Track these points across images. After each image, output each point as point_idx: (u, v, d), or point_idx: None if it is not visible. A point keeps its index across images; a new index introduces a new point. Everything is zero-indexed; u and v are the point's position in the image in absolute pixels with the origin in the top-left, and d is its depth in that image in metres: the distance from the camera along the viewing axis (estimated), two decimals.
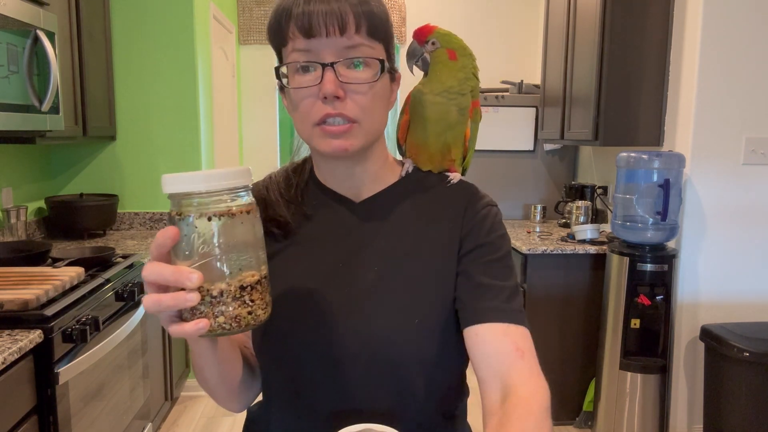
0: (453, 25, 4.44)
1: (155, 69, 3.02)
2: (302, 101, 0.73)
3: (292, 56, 0.73)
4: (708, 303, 2.59)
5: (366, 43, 0.72)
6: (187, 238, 0.58)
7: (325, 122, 0.73)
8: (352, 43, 0.71)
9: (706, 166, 2.53)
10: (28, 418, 1.53)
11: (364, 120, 0.74)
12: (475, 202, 0.84)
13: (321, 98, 0.72)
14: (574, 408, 2.89)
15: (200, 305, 0.58)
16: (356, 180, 0.83)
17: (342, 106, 0.72)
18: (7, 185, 2.57)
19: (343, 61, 0.71)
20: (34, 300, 1.62)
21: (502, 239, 0.82)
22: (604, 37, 2.69)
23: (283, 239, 0.83)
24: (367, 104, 0.73)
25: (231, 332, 0.60)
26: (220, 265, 0.59)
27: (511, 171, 3.67)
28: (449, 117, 0.84)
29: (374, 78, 0.73)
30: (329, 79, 0.71)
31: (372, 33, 0.73)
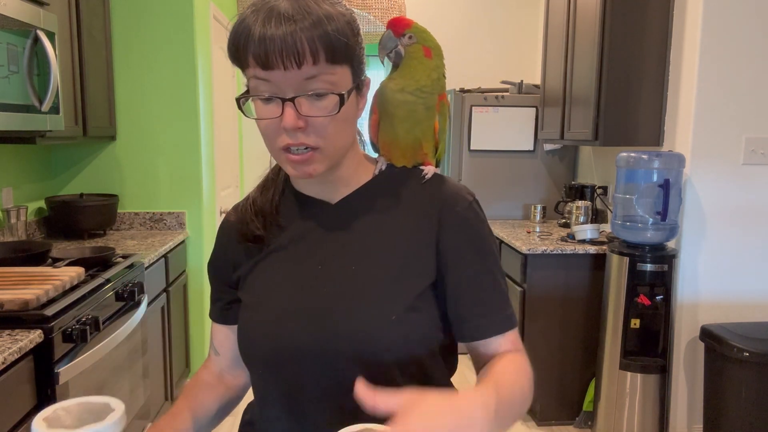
0: (453, 24, 4.46)
1: (155, 69, 3.02)
2: (266, 129, 0.75)
3: (252, 82, 0.74)
4: (708, 303, 2.59)
5: (326, 71, 0.72)
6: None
7: (289, 150, 0.74)
8: (311, 74, 0.71)
9: (706, 166, 2.54)
10: (29, 418, 1.53)
11: (327, 146, 0.75)
12: (453, 201, 0.83)
13: (282, 128, 0.73)
14: (574, 408, 2.89)
15: None
16: (330, 185, 0.84)
17: (304, 137, 0.73)
18: (7, 185, 2.57)
19: (303, 95, 0.72)
20: (34, 300, 1.62)
21: (487, 238, 0.84)
22: (604, 37, 2.69)
23: (259, 251, 0.86)
24: (329, 132, 0.74)
25: None
26: None
27: (511, 171, 3.67)
28: (417, 114, 0.84)
29: (335, 110, 0.73)
30: (289, 113, 0.71)
31: (332, 59, 0.72)
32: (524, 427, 2.90)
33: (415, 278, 0.79)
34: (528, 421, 2.95)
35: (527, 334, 2.86)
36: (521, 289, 2.87)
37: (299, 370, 0.78)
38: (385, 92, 0.84)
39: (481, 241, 0.82)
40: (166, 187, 3.10)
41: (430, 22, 4.23)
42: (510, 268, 3.04)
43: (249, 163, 4.46)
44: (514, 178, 3.67)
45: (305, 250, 0.84)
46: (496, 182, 3.66)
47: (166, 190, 3.10)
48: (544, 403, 2.89)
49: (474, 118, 3.58)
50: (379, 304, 0.77)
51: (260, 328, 0.81)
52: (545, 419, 2.90)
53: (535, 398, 2.89)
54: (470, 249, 0.81)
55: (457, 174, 3.64)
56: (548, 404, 2.89)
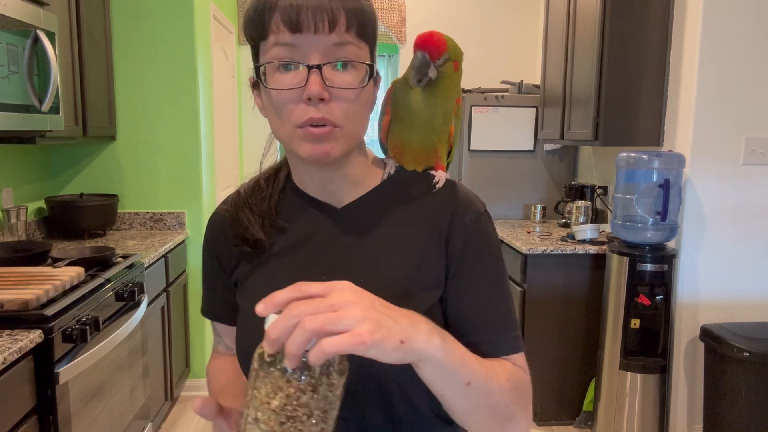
0: (453, 25, 4.45)
1: (155, 69, 3.02)
2: (284, 102, 0.69)
3: (273, 51, 0.68)
4: (708, 303, 2.59)
5: (355, 42, 0.69)
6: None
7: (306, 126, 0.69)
8: (340, 40, 0.67)
9: (706, 166, 2.53)
10: (28, 418, 1.53)
11: (347, 125, 0.70)
12: (463, 211, 0.78)
13: (304, 99, 0.68)
14: (574, 408, 2.89)
15: None
16: (336, 185, 0.79)
17: (327, 110, 0.68)
18: (7, 185, 2.57)
19: (330, 63, 0.68)
20: (34, 300, 1.62)
21: (496, 252, 0.79)
22: (604, 37, 2.69)
23: (259, 254, 0.80)
24: (352, 110, 0.70)
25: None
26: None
27: (511, 171, 3.67)
28: (435, 121, 0.80)
29: (362, 84, 0.70)
30: (315, 80, 0.67)
31: (361, 33, 0.69)
32: None
33: (424, 292, 0.75)
34: None
35: (527, 334, 2.86)
36: (521, 289, 2.87)
37: None
38: (408, 103, 0.79)
39: (490, 254, 0.78)
40: (166, 187, 3.10)
41: (431, 21, 4.24)
42: (510, 268, 3.04)
43: (249, 163, 4.46)
44: (514, 178, 3.67)
45: (309, 256, 0.78)
46: (496, 182, 3.66)
47: (166, 190, 3.10)
48: (544, 403, 2.89)
49: (474, 118, 3.58)
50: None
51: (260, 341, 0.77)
52: (545, 419, 2.90)
53: (535, 398, 2.89)
54: (478, 261, 0.77)
55: (457, 174, 3.64)
56: (548, 404, 2.89)
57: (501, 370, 0.71)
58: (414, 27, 4.23)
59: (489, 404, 0.67)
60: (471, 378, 0.63)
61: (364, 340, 0.52)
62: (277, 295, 0.56)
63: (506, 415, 0.70)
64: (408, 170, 0.83)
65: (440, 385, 0.63)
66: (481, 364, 0.66)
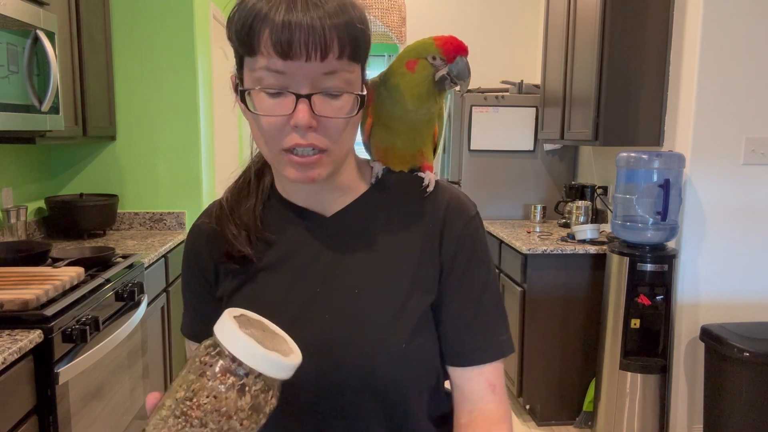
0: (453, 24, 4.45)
1: (155, 69, 3.02)
2: (270, 127, 0.67)
3: (261, 74, 0.65)
4: (708, 303, 2.59)
5: (346, 68, 0.66)
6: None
7: (293, 151, 0.67)
8: (332, 69, 0.65)
9: (706, 166, 2.53)
10: (28, 418, 1.53)
11: (334, 149, 0.69)
12: (454, 216, 0.78)
13: (292, 126, 0.66)
14: (574, 408, 2.89)
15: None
16: (324, 194, 0.77)
17: (314, 137, 0.66)
18: (7, 185, 2.57)
19: (320, 92, 0.65)
20: (34, 300, 1.62)
21: (486, 257, 0.79)
22: (604, 37, 2.69)
23: (245, 270, 0.77)
24: (339, 135, 0.68)
25: None
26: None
27: (511, 171, 3.66)
28: (420, 126, 0.79)
29: (351, 113, 0.68)
30: (303, 110, 0.64)
31: (353, 56, 0.66)
32: (524, 427, 2.90)
33: (419, 297, 0.74)
34: (528, 421, 2.95)
35: (527, 334, 2.86)
36: (521, 289, 2.87)
37: (300, 402, 0.72)
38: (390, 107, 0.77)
39: (480, 259, 0.78)
40: (165, 187, 3.10)
41: (430, 21, 4.23)
42: (510, 268, 3.04)
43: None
44: (514, 178, 3.67)
45: (299, 269, 0.76)
46: (496, 182, 3.65)
47: (166, 190, 3.10)
48: (544, 403, 2.89)
49: (474, 118, 3.58)
50: (385, 334, 0.72)
51: None
52: (545, 419, 2.90)
53: (535, 398, 2.89)
54: (469, 267, 0.76)
55: (457, 174, 3.64)
56: (548, 404, 2.89)
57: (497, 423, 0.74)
58: (414, 27, 4.23)
59: None
60: None
61: None
62: None
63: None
64: (395, 171, 0.82)
65: None
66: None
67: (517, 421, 2.95)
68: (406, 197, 0.79)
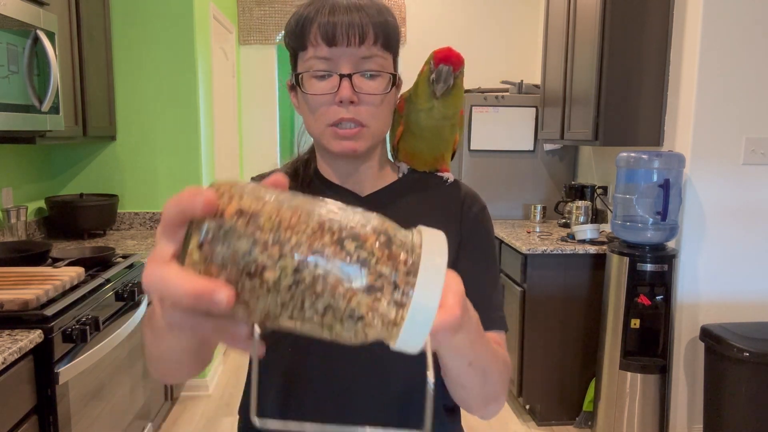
0: (453, 25, 4.44)
1: (155, 69, 3.02)
2: (318, 104, 0.80)
3: (310, 62, 0.79)
4: (708, 303, 2.59)
5: (380, 54, 0.79)
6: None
7: (338, 125, 0.79)
8: (368, 53, 0.78)
9: (706, 166, 2.53)
10: (28, 418, 1.53)
11: (373, 124, 0.81)
12: (471, 203, 0.90)
13: (336, 102, 0.78)
14: (574, 408, 2.89)
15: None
16: (360, 176, 0.88)
17: (355, 111, 0.79)
18: (7, 185, 2.57)
19: (359, 72, 0.78)
20: (34, 300, 1.62)
21: (493, 243, 0.90)
22: (604, 37, 2.69)
23: None
24: (376, 111, 0.80)
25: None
26: None
27: (511, 171, 3.66)
28: (444, 132, 0.90)
29: (386, 90, 0.80)
30: (346, 86, 0.77)
31: (386, 45, 0.80)
32: (524, 427, 2.90)
33: None
34: (528, 421, 2.95)
35: (527, 334, 2.86)
36: (521, 289, 2.87)
37: (331, 347, 0.76)
38: (420, 117, 0.88)
39: (489, 244, 0.89)
40: (166, 187, 3.10)
41: (431, 22, 4.24)
42: (510, 268, 3.04)
43: (249, 163, 4.46)
44: (514, 178, 3.67)
45: None
46: (496, 182, 3.66)
47: (166, 190, 3.10)
48: (544, 403, 2.89)
49: (474, 118, 3.58)
50: None
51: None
52: (545, 419, 2.90)
53: (535, 398, 2.89)
54: (479, 247, 0.87)
55: (457, 174, 3.64)
56: (548, 404, 2.89)
57: (501, 354, 0.75)
58: (414, 27, 4.23)
59: (483, 385, 0.71)
60: (473, 359, 0.67)
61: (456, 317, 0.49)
62: None
63: (493, 395, 0.74)
64: (419, 171, 0.94)
65: (443, 357, 0.66)
66: (487, 348, 0.69)
67: (517, 421, 2.95)
68: (430, 187, 0.92)
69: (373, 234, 0.45)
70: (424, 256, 0.45)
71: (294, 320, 0.44)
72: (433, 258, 0.45)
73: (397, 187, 0.90)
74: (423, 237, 0.47)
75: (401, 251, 0.45)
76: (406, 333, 0.44)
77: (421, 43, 4.17)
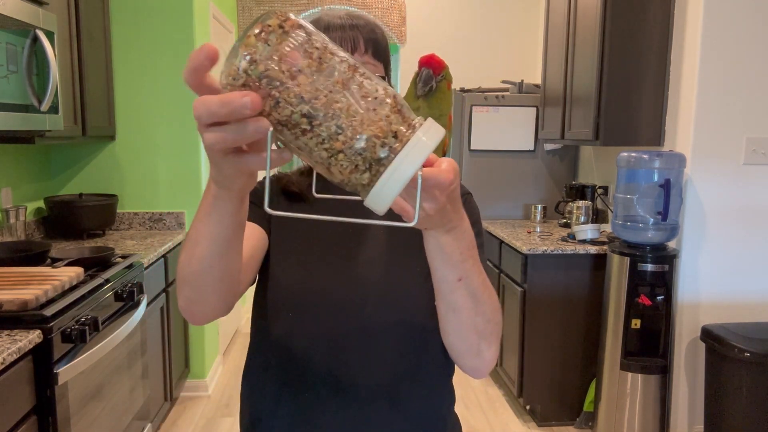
0: (453, 24, 4.44)
1: (155, 69, 3.02)
2: None
3: None
4: (708, 303, 2.59)
5: (371, 61, 0.88)
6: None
7: None
8: (360, 60, 0.85)
9: (707, 166, 2.53)
10: (28, 419, 1.53)
11: None
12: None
13: None
14: (575, 408, 2.89)
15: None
16: None
17: None
18: (7, 185, 2.57)
19: None
20: (33, 300, 1.62)
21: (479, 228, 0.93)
22: (605, 37, 2.69)
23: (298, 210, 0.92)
24: None
25: None
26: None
27: (511, 171, 3.66)
28: None
29: None
30: None
31: (376, 55, 0.88)
32: (524, 427, 2.90)
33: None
34: (528, 421, 2.95)
35: (528, 335, 2.85)
36: (521, 289, 2.86)
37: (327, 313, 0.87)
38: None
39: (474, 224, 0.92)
40: (165, 187, 3.10)
41: (431, 21, 4.23)
42: (510, 268, 3.04)
43: None
44: (515, 178, 3.67)
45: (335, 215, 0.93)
46: (496, 182, 3.65)
47: (166, 190, 3.10)
48: (544, 403, 2.89)
49: (474, 118, 3.57)
50: (410, 262, 0.89)
51: (293, 275, 0.89)
52: (546, 420, 2.90)
53: (536, 399, 2.89)
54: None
55: None
56: (549, 405, 2.89)
57: (494, 293, 0.78)
58: (414, 27, 4.23)
59: (473, 310, 0.74)
60: (463, 276, 0.70)
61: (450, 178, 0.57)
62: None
63: (486, 330, 0.76)
64: None
65: (434, 266, 0.70)
66: (480, 274, 0.73)
67: (518, 422, 2.95)
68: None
69: (394, 93, 0.54)
70: (419, 132, 0.52)
71: (308, 134, 0.51)
72: (425, 136, 0.52)
73: None
74: (427, 122, 0.54)
75: (408, 117, 0.54)
76: (381, 185, 0.52)
77: (421, 43, 4.17)
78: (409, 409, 0.89)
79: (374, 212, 0.54)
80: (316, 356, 0.87)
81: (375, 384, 0.87)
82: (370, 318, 0.87)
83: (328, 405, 0.87)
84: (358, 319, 0.87)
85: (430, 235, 0.67)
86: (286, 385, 0.89)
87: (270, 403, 0.90)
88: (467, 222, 0.68)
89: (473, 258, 0.70)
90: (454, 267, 0.69)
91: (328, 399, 0.87)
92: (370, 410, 0.87)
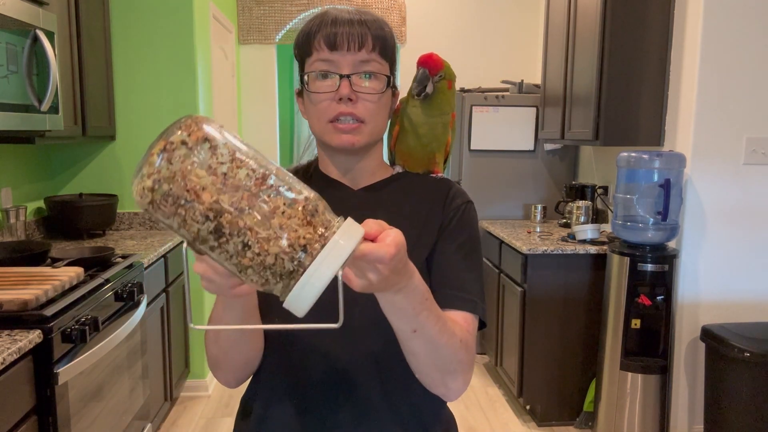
0: (453, 24, 4.44)
1: (155, 69, 3.02)
2: (320, 102, 0.88)
3: (315, 64, 0.87)
4: (708, 303, 2.59)
5: (377, 60, 0.88)
6: None
7: (338, 120, 0.87)
8: (367, 58, 0.87)
9: (707, 166, 2.53)
10: (28, 419, 1.53)
11: (369, 121, 0.88)
12: (455, 196, 0.96)
13: (336, 99, 0.86)
14: (575, 408, 2.89)
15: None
16: (356, 173, 0.95)
17: (353, 107, 0.87)
18: (7, 185, 2.57)
19: (358, 73, 0.86)
20: (33, 300, 1.62)
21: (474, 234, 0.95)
22: (605, 37, 2.69)
23: None
24: (373, 109, 0.88)
25: None
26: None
27: (511, 171, 3.66)
28: (436, 132, 0.98)
29: (381, 90, 0.88)
30: (345, 84, 0.86)
31: (383, 53, 0.89)
32: (524, 427, 2.90)
33: (421, 251, 0.90)
34: (528, 421, 2.95)
35: (527, 335, 2.85)
36: (521, 289, 2.86)
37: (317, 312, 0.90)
38: (411, 115, 0.97)
39: (470, 234, 0.94)
40: None
41: (431, 21, 4.23)
42: (510, 268, 3.04)
43: None
44: (515, 178, 3.67)
45: None
46: (496, 182, 3.65)
47: None
48: (544, 403, 2.89)
49: (474, 118, 3.57)
50: None
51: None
52: (546, 420, 2.90)
53: (536, 398, 2.89)
54: (459, 233, 0.92)
55: (457, 174, 3.64)
56: (549, 404, 2.89)
57: (458, 330, 0.81)
58: (414, 27, 4.23)
59: (431, 355, 0.78)
60: (417, 328, 0.74)
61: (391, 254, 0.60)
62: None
63: (448, 369, 0.80)
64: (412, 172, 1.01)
65: (390, 319, 0.74)
66: (437, 322, 0.76)
67: (518, 422, 2.95)
68: (420, 183, 0.99)
69: (304, 201, 0.54)
70: (336, 236, 0.53)
71: (216, 250, 0.52)
72: (342, 240, 0.53)
73: (388, 181, 0.98)
74: (345, 223, 0.55)
75: (320, 224, 0.53)
76: (295, 294, 0.52)
77: (421, 43, 4.17)
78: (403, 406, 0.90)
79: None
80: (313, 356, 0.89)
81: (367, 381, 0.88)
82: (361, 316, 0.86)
83: (322, 404, 0.88)
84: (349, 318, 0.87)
85: (381, 294, 0.70)
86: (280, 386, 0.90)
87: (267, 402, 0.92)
88: (417, 278, 0.70)
89: (427, 309, 0.73)
90: (408, 320, 0.73)
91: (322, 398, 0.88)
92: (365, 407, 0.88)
